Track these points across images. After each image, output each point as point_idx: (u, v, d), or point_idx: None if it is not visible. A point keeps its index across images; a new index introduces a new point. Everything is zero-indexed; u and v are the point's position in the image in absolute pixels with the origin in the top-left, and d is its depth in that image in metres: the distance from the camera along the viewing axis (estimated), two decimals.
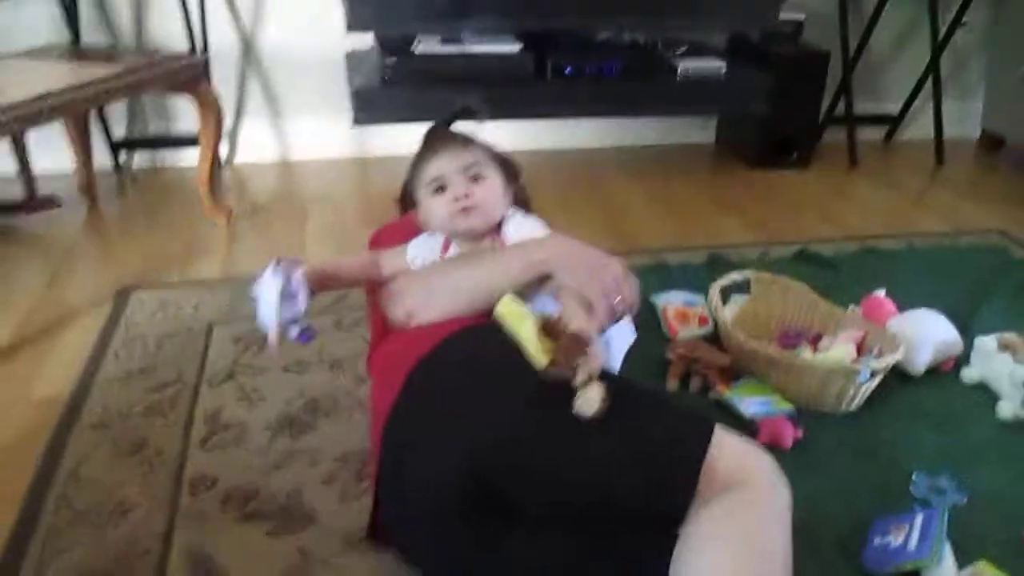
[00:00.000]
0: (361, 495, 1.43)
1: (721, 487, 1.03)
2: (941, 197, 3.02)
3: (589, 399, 1.06)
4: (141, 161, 3.04)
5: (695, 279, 2.12)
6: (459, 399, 1.13)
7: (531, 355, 1.09)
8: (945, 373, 1.81)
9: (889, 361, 1.63)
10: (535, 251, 1.28)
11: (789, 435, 1.55)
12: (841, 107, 3.22)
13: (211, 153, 2.48)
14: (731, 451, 1.08)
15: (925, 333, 1.78)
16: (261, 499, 1.44)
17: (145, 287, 2.16)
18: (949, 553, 1.26)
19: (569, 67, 2.77)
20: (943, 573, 1.24)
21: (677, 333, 1.91)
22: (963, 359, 1.82)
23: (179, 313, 2.03)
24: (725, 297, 1.88)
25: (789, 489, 1.06)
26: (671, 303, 2.00)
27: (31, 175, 2.65)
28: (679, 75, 2.85)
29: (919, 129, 3.44)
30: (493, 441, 1.07)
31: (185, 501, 1.43)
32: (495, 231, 1.35)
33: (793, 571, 1.01)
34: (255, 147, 3.10)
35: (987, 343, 1.77)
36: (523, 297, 1.22)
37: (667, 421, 1.12)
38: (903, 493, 1.46)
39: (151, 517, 1.40)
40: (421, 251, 1.38)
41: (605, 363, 1.14)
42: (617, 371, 1.39)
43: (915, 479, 1.48)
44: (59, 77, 2.10)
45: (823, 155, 3.21)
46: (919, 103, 3.39)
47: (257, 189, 2.92)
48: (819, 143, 3.24)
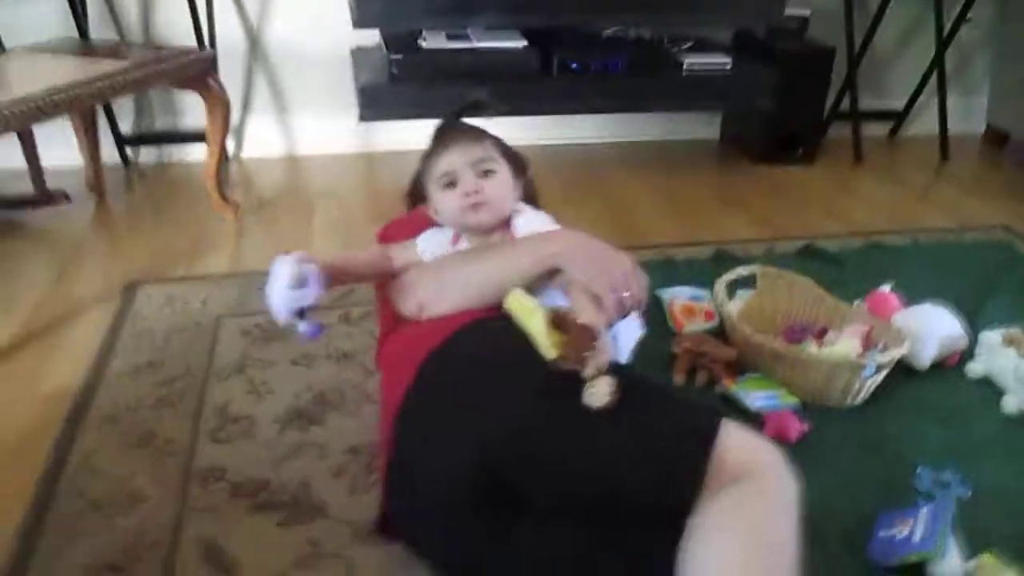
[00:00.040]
0: (370, 488, 1.45)
1: (729, 479, 1.04)
2: (946, 193, 3.02)
3: (598, 392, 1.07)
4: (148, 156, 3.06)
5: (701, 274, 2.12)
6: (470, 391, 1.14)
7: (541, 348, 1.09)
8: (950, 368, 1.82)
9: (894, 355, 1.63)
10: (545, 245, 1.29)
11: (794, 429, 1.56)
12: (846, 103, 3.22)
13: (219, 148, 2.49)
14: (739, 443, 1.09)
15: (930, 328, 1.79)
16: (271, 491, 1.45)
17: (153, 282, 2.17)
18: (954, 545, 1.26)
19: (574, 63, 2.77)
20: (948, 565, 1.25)
21: (683, 328, 1.91)
22: (968, 354, 1.83)
23: (187, 307, 2.05)
24: (731, 292, 1.89)
25: (797, 482, 1.07)
26: (677, 298, 2.01)
27: (39, 170, 2.66)
28: (684, 71, 2.85)
29: (924, 125, 3.44)
30: (503, 433, 1.08)
31: (195, 493, 1.45)
32: (505, 225, 1.35)
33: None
34: (262, 142, 3.11)
35: (992, 338, 1.78)
36: (532, 291, 1.23)
37: (675, 413, 1.14)
38: (908, 487, 1.47)
39: (161, 508, 1.41)
40: (431, 245, 1.38)
41: (614, 356, 1.15)
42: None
43: (920, 473, 1.49)
44: (66, 72, 2.10)
45: (828, 151, 3.21)
46: (924, 99, 3.39)
47: (264, 184, 2.93)
48: (824, 139, 3.23)
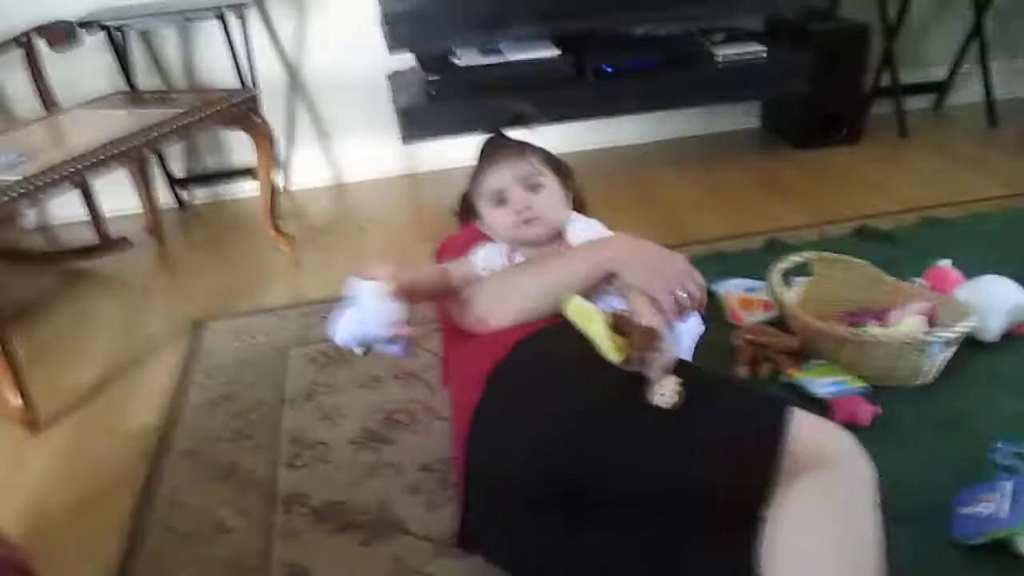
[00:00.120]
0: (447, 502, 1.48)
1: (802, 468, 1.04)
2: (997, 160, 2.96)
3: (665, 392, 1.08)
4: (201, 196, 3.15)
5: (754, 265, 2.10)
6: (538, 397, 1.16)
7: (604, 351, 1.11)
8: (1019, 337, 1.78)
9: (962, 330, 1.61)
10: (600, 251, 1.30)
11: (866, 412, 1.55)
12: (886, 79, 3.17)
13: (269, 182, 2.56)
14: (810, 431, 1.09)
15: (995, 299, 1.76)
16: (351, 512, 1.49)
17: (218, 318, 2.24)
18: None
19: (608, 66, 2.79)
20: None
21: (741, 320, 1.91)
22: None
23: (253, 340, 2.11)
24: (786, 280, 1.88)
25: (872, 465, 1.06)
26: (732, 291, 2.00)
27: (100, 219, 2.76)
28: (719, 63, 2.85)
29: (968, 94, 3.38)
30: (574, 436, 1.09)
31: (280, 519, 1.49)
32: (558, 235, 1.37)
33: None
34: (308, 173, 3.18)
35: None
36: (590, 296, 1.25)
37: (744, 407, 1.14)
38: (987, 462, 1.44)
39: (248, 537, 1.46)
40: (487, 259, 1.41)
41: (677, 355, 1.16)
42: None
43: (997, 447, 1.46)
44: (121, 125, 2.18)
45: (872, 129, 3.17)
46: (966, 67, 3.33)
47: (314, 213, 2.99)
48: (867, 117, 3.19)
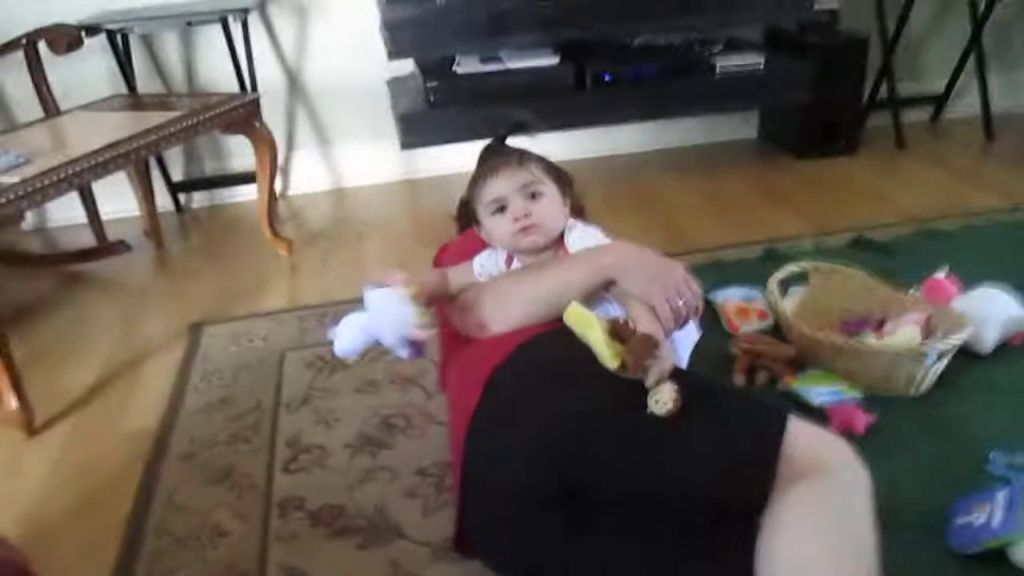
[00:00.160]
0: (443, 506, 1.48)
1: (799, 475, 1.05)
2: (994, 172, 2.98)
3: (662, 399, 1.09)
4: (200, 200, 3.16)
5: (751, 274, 2.12)
6: (537, 402, 1.17)
7: (602, 358, 1.12)
8: (1014, 349, 1.79)
9: (956, 340, 1.62)
10: (599, 257, 1.31)
11: (861, 420, 1.56)
12: (884, 91, 3.19)
13: (268, 187, 2.56)
14: (807, 439, 1.10)
15: (991, 310, 1.77)
16: (348, 516, 1.49)
17: (216, 321, 2.24)
18: None
19: (608, 74, 2.80)
20: None
21: (738, 329, 1.92)
22: None
23: (251, 344, 2.11)
24: (783, 290, 1.89)
25: (868, 473, 1.07)
26: (729, 300, 2.01)
27: (100, 223, 2.77)
28: (718, 72, 2.86)
29: (965, 106, 3.40)
30: (573, 441, 1.10)
31: (276, 523, 1.49)
32: (558, 242, 1.38)
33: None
34: (307, 178, 3.19)
35: None
36: (589, 303, 1.25)
37: (741, 413, 1.15)
38: (982, 472, 1.45)
39: (245, 540, 1.46)
40: (487, 266, 1.42)
41: (675, 363, 1.16)
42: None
43: (992, 457, 1.47)
44: (121, 128, 2.19)
45: (870, 140, 3.19)
46: (963, 80, 3.34)
47: (313, 218, 3.00)
48: (865, 128, 3.21)
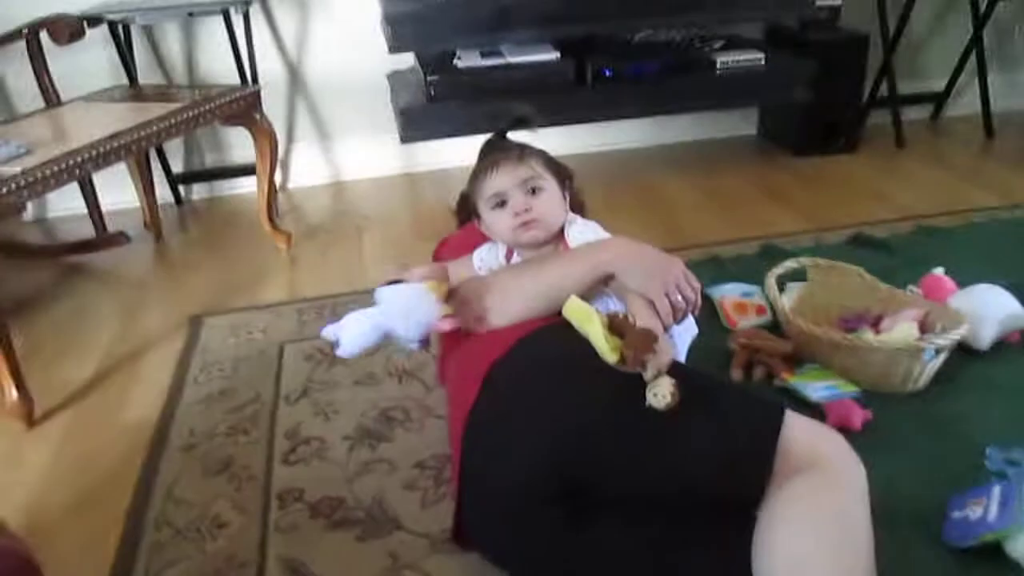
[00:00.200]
0: (442, 499, 1.49)
1: (795, 470, 1.06)
2: (993, 171, 2.99)
3: (660, 393, 1.09)
4: (200, 193, 3.16)
5: (749, 270, 2.13)
6: (537, 396, 1.17)
7: (601, 352, 1.12)
8: (1011, 346, 1.80)
9: (954, 337, 1.62)
10: (598, 252, 1.32)
11: (858, 416, 1.56)
12: (885, 89, 3.20)
13: (268, 180, 2.56)
14: (804, 433, 1.11)
15: (988, 308, 1.77)
16: (347, 508, 1.50)
17: (215, 313, 2.24)
18: None
19: (608, 70, 2.80)
20: None
21: (736, 324, 1.93)
22: None
23: (250, 336, 2.11)
24: (781, 286, 1.90)
25: (864, 468, 1.08)
26: (728, 295, 2.02)
27: (100, 214, 2.77)
28: (718, 69, 2.87)
29: (966, 105, 3.41)
30: (573, 435, 1.11)
31: (275, 514, 1.50)
32: (558, 237, 1.38)
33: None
34: (307, 171, 3.19)
35: None
36: (588, 298, 1.26)
37: (738, 408, 1.16)
38: (978, 467, 1.46)
39: (245, 531, 1.47)
40: (486, 260, 1.42)
41: (673, 357, 1.17)
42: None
43: (989, 453, 1.48)
44: (122, 119, 2.19)
45: (870, 138, 3.19)
46: (964, 79, 3.35)
47: (312, 211, 3.00)
48: (865, 126, 3.21)
